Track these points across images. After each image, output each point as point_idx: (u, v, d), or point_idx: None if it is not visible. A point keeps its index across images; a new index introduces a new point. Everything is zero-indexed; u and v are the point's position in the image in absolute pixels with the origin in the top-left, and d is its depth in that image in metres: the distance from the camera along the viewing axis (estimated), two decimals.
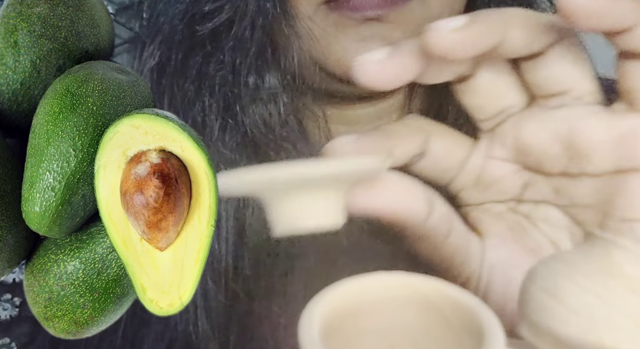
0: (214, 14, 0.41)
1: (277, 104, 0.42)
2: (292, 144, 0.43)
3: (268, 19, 0.40)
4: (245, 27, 0.40)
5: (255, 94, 0.42)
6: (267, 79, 0.42)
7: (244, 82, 0.42)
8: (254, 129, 0.42)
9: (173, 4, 0.43)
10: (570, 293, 0.19)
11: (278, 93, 0.42)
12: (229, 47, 0.41)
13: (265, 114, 0.42)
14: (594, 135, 0.25)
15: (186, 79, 0.43)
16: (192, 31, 0.43)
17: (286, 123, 0.43)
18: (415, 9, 0.40)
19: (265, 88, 0.42)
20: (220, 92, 0.43)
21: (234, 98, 0.42)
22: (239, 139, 0.43)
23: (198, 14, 0.42)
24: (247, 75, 0.42)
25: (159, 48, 0.44)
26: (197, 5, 0.42)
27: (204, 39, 0.42)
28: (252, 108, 0.42)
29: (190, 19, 0.43)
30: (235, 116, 0.43)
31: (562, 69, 0.26)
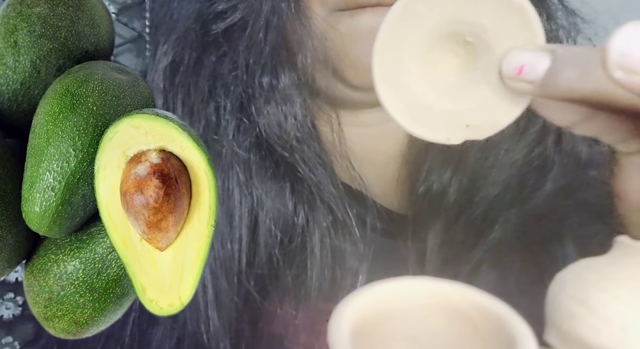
0: (228, 14, 0.41)
1: (291, 105, 0.42)
2: (306, 145, 0.43)
3: (282, 19, 0.40)
4: (260, 27, 0.40)
5: (270, 95, 0.42)
6: (281, 79, 0.42)
7: (259, 83, 0.42)
8: (268, 130, 0.42)
9: (187, 3, 0.43)
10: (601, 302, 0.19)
11: (292, 94, 0.42)
12: (243, 47, 0.41)
13: (279, 115, 0.42)
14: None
15: (200, 78, 0.43)
16: (206, 30, 0.43)
17: (301, 125, 0.43)
18: None
19: (279, 89, 0.42)
20: (234, 92, 0.43)
21: (248, 98, 0.42)
22: (253, 139, 0.43)
23: (212, 13, 0.42)
24: (261, 75, 0.42)
25: (173, 47, 0.44)
26: (211, 5, 0.42)
27: (218, 39, 0.42)
28: (266, 109, 0.42)
29: (204, 18, 0.43)
30: (250, 117, 0.43)
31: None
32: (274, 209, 0.43)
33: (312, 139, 0.43)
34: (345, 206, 0.42)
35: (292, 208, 0.43)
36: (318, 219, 0.42)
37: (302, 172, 0.42)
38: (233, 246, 0.43)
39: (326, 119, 0.45)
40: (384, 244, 0.45)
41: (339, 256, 0.43)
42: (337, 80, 0.42)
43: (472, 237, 0.43)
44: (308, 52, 0.40)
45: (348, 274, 0.42)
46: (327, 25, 0.40)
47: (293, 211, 0.43)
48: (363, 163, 0.46)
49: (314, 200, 0.43)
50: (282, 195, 0.43)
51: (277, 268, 0.43)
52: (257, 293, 0.43)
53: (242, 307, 0.43)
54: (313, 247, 0.42)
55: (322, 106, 0.45)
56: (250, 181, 0.43)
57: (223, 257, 0.42)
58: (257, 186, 0.43)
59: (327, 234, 0.42)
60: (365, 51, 0.39)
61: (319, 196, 0.42)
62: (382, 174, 0.47)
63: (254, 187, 0.43)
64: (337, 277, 0.42)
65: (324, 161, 0.43)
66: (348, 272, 0.42)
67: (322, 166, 0.42)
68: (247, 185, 0.43)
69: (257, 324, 0.43)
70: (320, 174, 0.42)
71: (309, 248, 0.43)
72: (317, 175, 0.42)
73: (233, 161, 0.43)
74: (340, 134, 0.45)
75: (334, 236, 0.42)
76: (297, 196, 0.43)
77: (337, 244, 0.42)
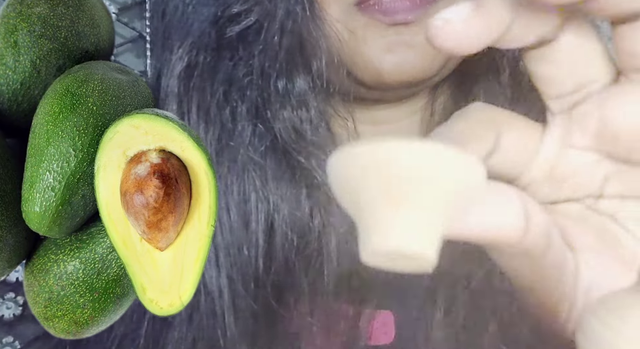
0: (242, 17, 0.41)
1: (307, 109, 0.42)
2: (322, 149, 0.42)
3: (297, 22, 0.40)
4: (275, 30, 0.40)
5: (285, 99, 0.42)
6: (296, 83, 0.42)
7: (274, 87, 0.42)
8: (284, 135, 0.42)
9: (202, 7, 0.43)
10: (637, 330, 0.17)
11: (308, 98, 0.42)
12: (258, 51, 0.41)
13: (295, 119, 0.42)
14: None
15: (215, 82, 0.43)
16: (221, 34, 0.42)
17: (316, 129, 0.43)
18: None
19: (295, 93, 0.42)
20: (249, 97, 0.43)
21: (263, 103, 0.42)
22: (269, 143, 0.43)
23: (227, 16, 0.42)
24: (276, 79, 0.42)
25: (188, 51, 0.43)
26: (226, 8, 0.42)
27: (232, 43, 0.42)
28: (282, 113, 0.42)
29: (219, 22, 0.42)
30: (265, 121, 0.43)
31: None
32: (290, 214, 0.43)
33: (328, 144, 0.43)
34: None
35: (309, 213, 0.43)
36: (334, 224, 0.42)
37: (318, 178, 0.42)
38: (250, 252, 0.43)
39: (341, 120, 0.45)
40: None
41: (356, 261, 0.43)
42: (351, 80, 0.42)
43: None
44: (323, 55, 0.40)
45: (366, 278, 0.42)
46: (341, 27, 0.40)
47: (309, 215, 0.43)
48: None
49: (330, 205, 0.42)
50: (298, 200, 0.43)
51: (294, 273, 0.43)
52: (274, 298, 0.43)
53: (259, 312, 0.43)
54: (330, 253, 0.42)
55: (337, 108, 0.45)
56: (266, 186, 0.43)
57: (240, 263, 0.42)
58: (273, 191, 0.43)
59: (344, 240, 0.42)
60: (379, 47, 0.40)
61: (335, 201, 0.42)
62: None
63: (270, 192, 0.43)
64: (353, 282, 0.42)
65: None
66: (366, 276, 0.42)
67: None
68: (263, 190, 0.43)
69: (273, 329, 0.43)
70: None
71: (326, 253, 0.42)
72: None
73: (249, 166, 0.43)
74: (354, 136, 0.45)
75: (351, 241, 0.42)
76: (313, 201, 0.43)
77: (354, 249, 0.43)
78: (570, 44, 0.23)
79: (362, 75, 0.41)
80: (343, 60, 0.41)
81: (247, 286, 0.42)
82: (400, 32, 0.39)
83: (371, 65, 0.40)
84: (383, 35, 0.39)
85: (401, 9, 0.38)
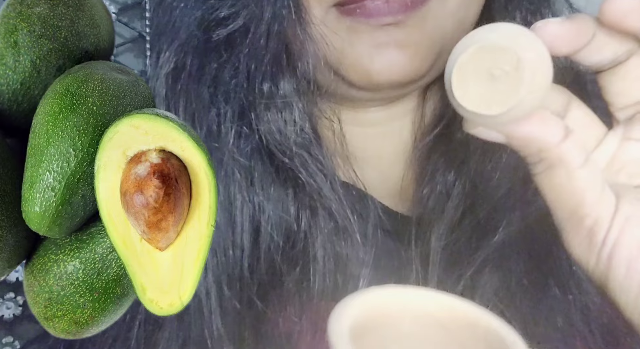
0: (230, 20, 0.41)
1: (291, 111, 0.42)
2: (306, 150, 0.43)
3: (283, 25, 0.40)
4: (261, 33, 0.40)
5: (270, 101, 0.42)
6: (281, 85, 0.42)
7: (259, 89, 0.42)
8: (268, 136, 0.42)
9: (190, 10, 0.43)
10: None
11: (292, 100, 0.42)
12: (244, 54, 0.41)
13: (280, 121, 0.42)
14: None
15: (201, 85, 0.43)
16: (208, 37, 0.43)
17: (301, 130, 0.43)
18: (433, 10, 0.39)
19: (279, 95, 0.42)
20: (235, 99, 0.43)
21: (248, 105, 0.42)
22: (254, 145, 0.43)
23: (214, 20, 0.42)
24: (261, 82, 0.42)
25: (175, 54, 0.44)
26: (213, 12, 0.42)
27: (219, 46, 0.43)
28: (267, 115, 0.42)
29: (206, 25, 0.43)
30: (250, 123, 0.43)
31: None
32: (275, 216, 0.43)
33: (312, 145, 0.43)
34: (346, 211, 0.42)
35: (294, 214, 0.43)
36: (320, 225, 0.42)
37: (303, 179, 0.42)
38: (235, 253, 0.43)
39: (328, 124, 0.45)
40: (387, 246, 0.45)
41: (342, 261, 0.43)
42: (340, 81, 0.42)
43: (475, 239, 0.43)
44: (309, 58, 0.40)
45: (350, 279, 0.42)
46: (327, 29, 0.40)
47: (295, 217, 0.43)
48: (367, 163, 0.46)
49: (316, 206, 0.43)
50: (283, 201, 0.43)
51: (280, 274, 0.43)
52: (260, 299, 0.43)
53: (245, 313, 0.43)
54: (315, 253, 0.42)
55: (323, 109, 0.45)
56: (251, 187, 0.43)
57: (225, 264, 0.42)
58: (258, 192, 0.43)
59: (330, 240, 0.43)
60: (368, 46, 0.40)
61: (321, 202, 0.42)
62: (386, 175, 0.47)
63: (256, 194, 0.43)
64: (339, 282, 0.42)
65: (325, 167, 0.43)
66: (350, 277, 0.42)
67: (323, 171, 0.42)
68: (248, 192, 0.43)
69: (260, 330, 0.43)
70: (321, 180, 0.42)
71: (311, 254, 0.43)
72: (318, 181, 0.42)
73: (234, 168, 0.43)
74: (342, 139, 0.45)
75: (336, 242, 0.43)
76: (299, 202, 0.43)
77: (339, 249, 0.43)
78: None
79: (351, 76, 0.41)
80: (330, 62, 0.41)
81: (232, 287, 0.42)
82: (390, 32, 0.39)
83: (360, 65, 0.40)
84: (372, 37, 0.39)
85: (387, 11, 0.38)
